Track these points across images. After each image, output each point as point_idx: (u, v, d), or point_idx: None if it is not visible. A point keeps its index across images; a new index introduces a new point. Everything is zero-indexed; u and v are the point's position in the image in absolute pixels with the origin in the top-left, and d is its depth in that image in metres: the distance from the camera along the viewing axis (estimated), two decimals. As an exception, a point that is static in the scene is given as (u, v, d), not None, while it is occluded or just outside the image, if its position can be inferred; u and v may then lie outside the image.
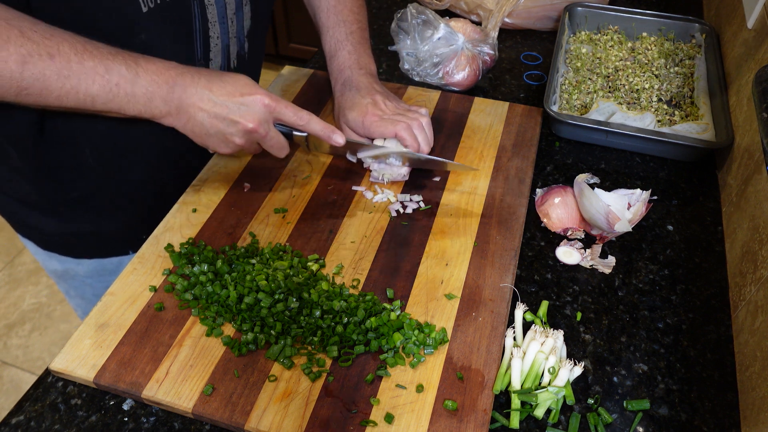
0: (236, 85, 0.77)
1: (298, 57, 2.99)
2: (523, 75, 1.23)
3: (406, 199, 0.91)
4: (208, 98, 0.76)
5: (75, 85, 0.69)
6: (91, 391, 0.71)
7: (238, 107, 0.77)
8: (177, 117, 0.77)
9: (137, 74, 0.72)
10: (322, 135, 0.84)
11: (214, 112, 0.77)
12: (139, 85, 0.73)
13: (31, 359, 2.06)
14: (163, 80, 0.74)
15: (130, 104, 0.73)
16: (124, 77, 0.72)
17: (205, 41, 0.86)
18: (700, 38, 1.24)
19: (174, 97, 0.75)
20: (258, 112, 0.78)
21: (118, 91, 0.72)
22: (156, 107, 0.75)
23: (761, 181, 0.82)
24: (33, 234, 0.99)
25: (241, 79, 0.79)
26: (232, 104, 0.77)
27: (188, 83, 0.75)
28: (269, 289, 0.75)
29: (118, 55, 0.72)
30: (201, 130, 0.78)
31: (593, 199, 0.84)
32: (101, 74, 0.70)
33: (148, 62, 0.74)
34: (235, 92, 0.77)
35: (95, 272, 1.02)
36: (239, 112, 0.77)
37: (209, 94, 0.76)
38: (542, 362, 0.70)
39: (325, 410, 0.66)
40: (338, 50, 0.99)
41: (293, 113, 0.81)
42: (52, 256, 1.01)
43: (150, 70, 0.73)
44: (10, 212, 0.96)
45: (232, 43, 0.91)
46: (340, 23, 1.00)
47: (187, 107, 0.76)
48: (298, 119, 0.81)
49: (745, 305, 0.77)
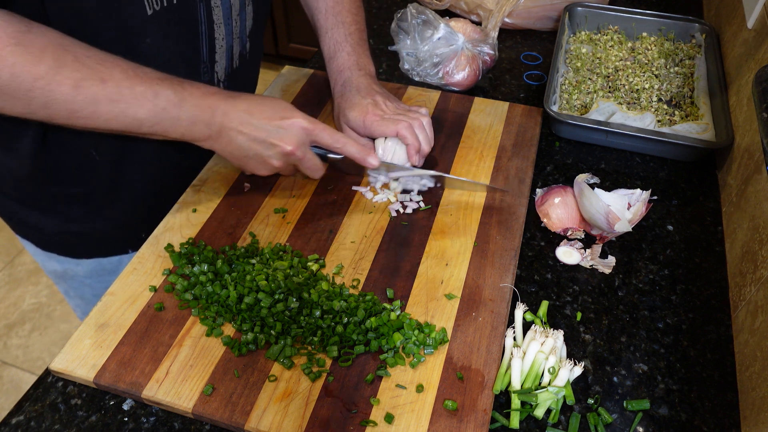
0: (275, 109, 0.80)
1: (298, 57, 2.99)
2: (523, 75, 1.23)
3: (406, 199, 0.91)
4: (248, 122, 0.78)
5: (124, 109, 0.71)
6: (91, 391, 0.71)
7: (277, 130, 0.79)
8: (217, 140, 0.80)
9: (183, 99, 0.75)
10: (357, 158, 0.85)
11: (253, 135, 0.79)
12: (184, 110, 0.75)
13: (31, 359, 2.06)
14: (206, 104, 0.76)
15: (173, 128, 0.76)
16: (171, 102, 0.74)
17: (210, 43, 0.86)
18: (700, 38, 1.24)
19: (215, 121, 0.77)
20: (296, 135, 0.80)
21: (165, 115, 0.74)
22: (198, 131, 0.78)
23: (761, 181, 0.82)
24: (32, 234, 0.99)
25: (280, 103, 0.81)
26: (271, 128, 0.79)
27: (230, 107, 0.78)
28: (269, 289, 0.75)
29: (166, 80, 0.74)
30: (240, 152, 0.81)
31: (593, 199, 0.84)
32: (149, 99, 0.72)
33: (193, 87, 0.76)
34: (274, 116, 0.79)
35: (94, 272, 1.02)
36: (278, 135, 0.80)
37: (249, 117, 0.78)
38: (542, 362, 0.70)
39: (325, 410, 0.66)
40: (337, 51, 0.99)
41: (329, 136, 0.83)
42: (51, 257, 1.01)
43: (195, 95, 0.76)
44: (10, 212, 0.97)
45: (236, 43, 0.91)
46: (339, 24, 1.00)
47: (228, 131, 0.79)
48: (334, 142, 0.84)
49: (745, 305, 0.77)
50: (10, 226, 1.00)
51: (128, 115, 0.72)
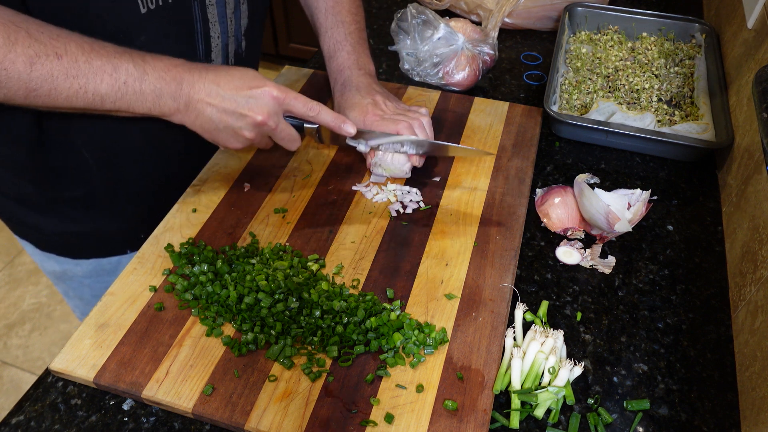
0: (244, 79, 0.77)
1: (298, 57, 2.99)
2: (523, 75, 1.23)
3: (405, 191, 0.91)
4: (216, 93, 0.76)
5: (83, 84, 0.69)
6: (91, 391, 0.71)
7: (247, 100, 0.77)
8: (186, 114, 0.77)
9: (145, 71, 0.73)
10: (333, 125, 0.83)
11: (222, 106, 0.77)
12: (147, 83, 0.73)
13: (31, 359, 2.06)
14: (170, 77, 0.74)
15: (138, 102, 0.74)
16: (132, 75, 0.72)
17: (206, 41, 0.86)
18: (700, 38, 1.24)
19: (182, 93, 0.75)
20: (267, 105, 0.78)
21: (127, 89, 0.72)
22: (165, 104, 0.75)
23: (761, 181, 0.82)
24: (31, 235, 0.98)
25: (249, 72, 0.79)
26: (241, 98, 0.77)
27: (196, 79, 0.75)
28: (269, 289, 0.75)
29: (125, 53, 0.72)
30: (210, 125, 0.79)
31: (593, 199, 0.84)
32: (109, 73, 0.70)
33: (156, 59, 0.74)
34: (243, 86, 0.77)
35: (93, 273, 1.02)
36: (248, 105, 0.77)
37: (217, 88, 0.76)
38: (542, 362, 0.70)
39: (325, 410, 0.66)
40: (337, 51, 0.99)
41: (303, 104, 0.81)
42: (50, 257, 1.01)
43: (158, 67, 0.74)
44: (9, 213, 0.96)
45: (231, 42, 0.91)
46: (339, 24, 1.00)
47: (196, 103, 0.76)
48: (308, 110, 0.81)
49: (745, 305, 0.77)
50: (8, 227, 1.00)
51: (88, 90, 0.70)
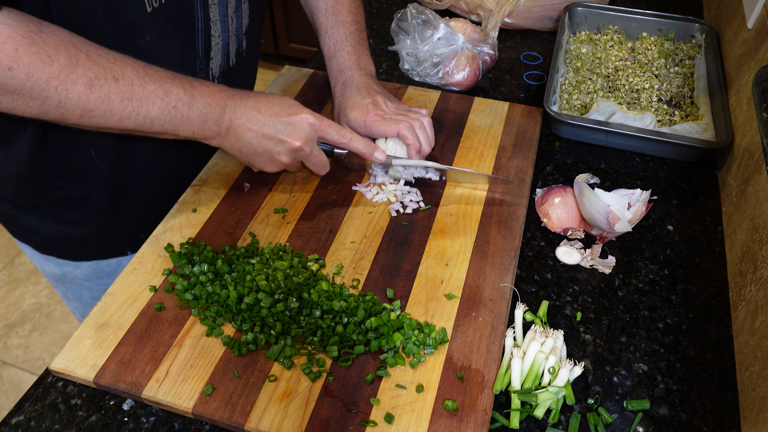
0: (282, 106, 0.82)
1: (298, 57, 2.99)
2: (523, 75, 1.23)
3: (405, 191, 0.91)
4: (257, 119, 0.81)
5: (137, 107, 0.72)
6: (91, 391, 0.71)
7: (285, 127, 0.82)
8: (226, 137, 0.82)
9: (193, 97, 0.76)
10: (364, 152, 0.87)
11: (262, 132, 0.81)
12: (194, 108, 0.77)
13: (31, 359, 2.06)
14: (215, 102, 0.78)
15: (184, 126, 0.77)
16: (181, 100, 0.75)
17: (206, 40, 0.87)
18: (700, 38, 1.24)
19: (225, 118, 0.79)
20: (304, 131, 0.82)
21: (176, 113, 0.75)
22: (208, 128, 0.79)
23: (761, 181, 0.82)
24: (31, 238, 0.98)
25: (287, 100, 0.84)
26: (280, 124, 0.81)
27: (238, 105, 0.80)
28: (269, 289, 0.75)
29: (176, 78, 0.75)
30: (249, 149, 0.83)
31: (593, 199, 0.84)
32: (161, 97, 0.73)
33: (203, 85, 0.78)
34: (281, 112, 0.81)
35: (93, 275, 1.02)
36: (286, 131, 0.82)
37: (258, 114, 0.80)
38: (542, 362, 0.70)
39: (325, 410, 0.66)
40: (337, 51, 0.99)
41: (336, 132, 0.85)
42: (49, 260, 1.01)
43: (204, 93, 0.77)
44: (8, 216, 0.96)
45: (232, 41, 0.91)
46: (339, 24, 1.00)
47: (237, 128, 0.81)
48: (341, 138, 0.86)
49: (745, 305, 0.77)
50: (7, 230, 1.00)
51: (140, 113, 0.73)
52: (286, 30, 2.96)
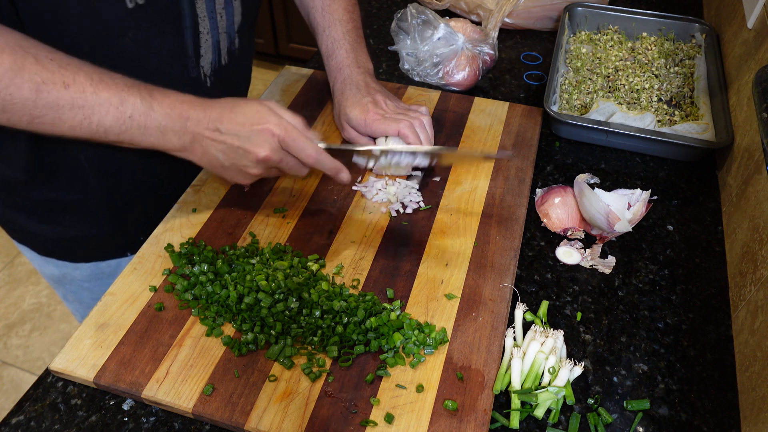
0: (247, 115, 0.76)
1: (298, 57, 2.99)
2: (523, 75, 1.23)
3: (405, 191, 0.91)
4: (219, 130, 0.76)
5: (88, 115, 0.69)
6: (91, 391, 0.71)
7: (249, 137, 0.76)
8: (191, 151, 0.77)
9: (151, 107, 0.72)
10: (329, 173, 0.82)
11: (226, 143, 0.76)
12: (152, 119, 0.72)
13: (31, 359, 2.06)
14: (176, 114, 0.74)
15: (143, 137, 0.73)
16: (138, 110, 0.71)
17: (195, 37, 0.85)
18: (700, 38, 1.24)
19: (187, 131, 0.75)
20: (267, 141, 0.77)
21: (132, 123, 0.72)
22: (169, 141, 0.75)
23: (761, 181, 0.82)
24: (29, 240, 0.98)
25: (252, 107, 0.77)
26: (243, 134, 0.76)
27: (201, 117, 0.75)
28: (269, 289, 0.75)
29: (134, 86, 0.72)
30: (216, 162, 0.78)
31: (593, 199, 0.84)
32: (115, 106, 0.70)
33: (164, 95, 0.74)
34: (245, 122, 0.76)
35: (93, 276, 1.02)
36: (250, 142, 0.76)
37: (219, 125, 0.76)
38: (542, 362, 0.70)
39: (325, 410, 0.66)
40: (335, 49, 0.99)
41: (301, 150, 0.78)
42: (49, 262, 1.00)
43: (164, 104, 0.73)
44: (6, 220, 0.96)
45: (222, 38, 0.90)
46: (336, 22, 1.00)
47: (200, 140, 0.76)
48: (306, 157, 0.79)
49: (745, 305, 0.77)
50: (6, 232, 0.99)
51: (93, 122, 0.70)
52: (286, 30, 2.96)
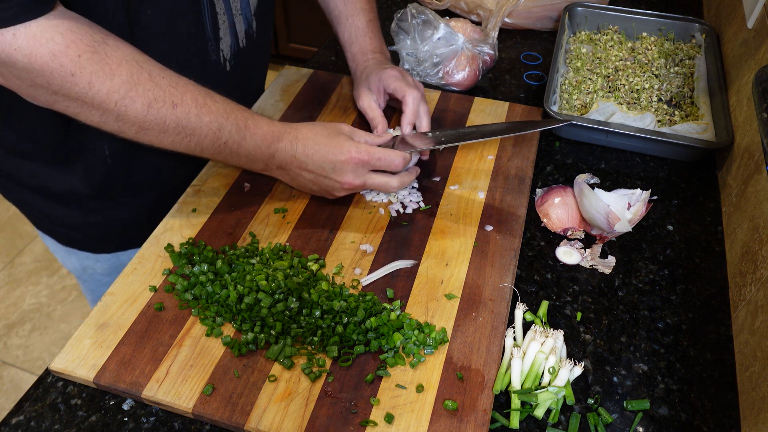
0: (330, 148, 0.82)
1: (299, 57, 2.99)
2: (523, 75, 1.23)
3: (405, 191, 0.91)
4: (306, 162, 0.83)
5: (189, 135, 0.74)
6: (91, 391, 0.71)
7: (333, 167, 0.83)
8: (281, 175, 0.86)
9: (244, 138, 0.78)
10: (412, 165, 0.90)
11: (313, 173, 0.84)
12: (243, 148, 0.79)
13: (31, 359, 2.06)
14: (265, 146, 0.81)
15: (233, 160, 0.81)
16: (232, 138, 0.77)
17: (213, 18, 0.86)
18: (700, 38, 1.24)
19: (274, 162, 0.83)
20: (351, 170, 0.83)
21: (225, 148, 0.78)
22: (257, 167, 0.84)
23: (761, 181, 0.82)
24: (53, 229, 0.99)
25: (334, 138, 0.83)
26: (327, 165, 0.83)
27: (287, 149, 0.82)
28: (269, 289, 0.75)
29: (233, 113, 0.77)
30: (305, 187, 0.87)
31: (593, 199, 0.84)
32: (213, 131, 0.75)
33: (257, 126, 0.80)
34: (328, 155, 0.82)
35: (113, 269, 1.03)
36: (334, 172, 0.83)
37: (305, 159, 0.82)
38: (542, 362, 0.70)
39: (325, 410, 0.66)
40: (359, 36, 1.03)
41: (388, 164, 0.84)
42: (71, 253, 1.02)
43: (257, 135, 0.79)
44: (32, 206, 0.97)
45: (238, 20, 0.91)
46: (359, 12, 1.03)
47: (288, 169, 0.84)
48: (395, 167, 0.85)
49: (745, 305, 0.77)
50: (31, 221, 1.01)
51: (192, 141, 0.75)
52: (286, 30, 2.96)
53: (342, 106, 1.09)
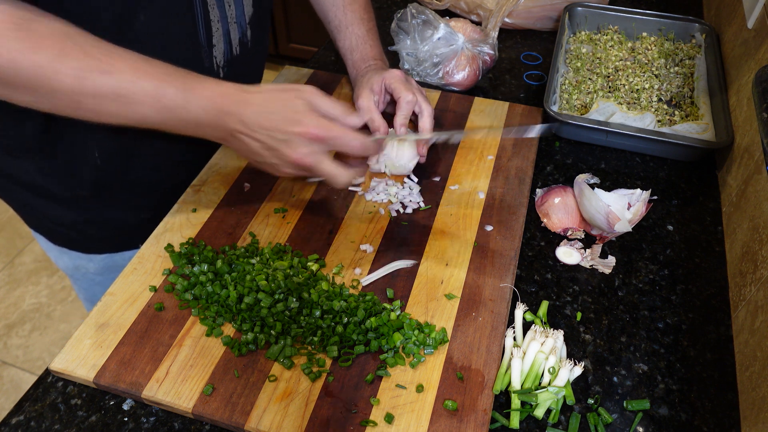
0: (284, 116, 0.73)
1: (298, 57, 2.99)
2: (523, 75, 1.23)
3: (405, 191, 0.91)
4: (257, 129, 0.74)
5: (128, 104, 0.69)
6: (91, 391, 0.71)
7: (285, 140, 0.73)
8: (231, 142, 0.77)
9: (188, 101, 0.71)
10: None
11: (261, 141, 0.74)
12: (189, 112, 0.72)
13: (31, 359, 2.06)
14: (213, 110, 0.73)
15: (180, 127, 0.74)
16: (175, 101, 0.71)
17: (207, 25, 0.85)
18: (700, 38, 1.24)
19: (223, 126, 0.74)
20: (305, 145, 0.74)
21: (170, 114, 0.71)
22: (206, 133, 0.75)
23: (761, 181, 0.82)
24: (46, 227, 0.99)
25: (290, 106, 0.74)
26: (280, 136, 0.73)
27: (242, 111, 0.73)
28: (269, 289, 0.75)
29: (174, 76, 0.71)
30: (253, 156, 0.77)
31: (593, 199, 0.84)
32: (153, 96, 0.70)
33: (202, 87, 0.72)
34: (281, 124, 0.73)
35: (105, 269, 1.03)
36: (286, 144, 0.74)
37: (256, 126, 0.73)
38: (542, 362, 0.70)
39: (325, 410, 0.66)
40: (360, 44, 1.03)
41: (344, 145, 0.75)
42: (63, 252, 1.01)
43: (202, 97, 0.72)
44: (25, 204, 0.97)
45: (233, 28, 0.90)
46: (358, 21, 1.03)
47: (238, 135, 0.75)
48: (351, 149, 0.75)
49: (745, 305, 0.77)
50: (23, 218, 1.00)
51: (133, 111, 0.70)
52: (286, 30, 2.96)
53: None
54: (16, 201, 0.97)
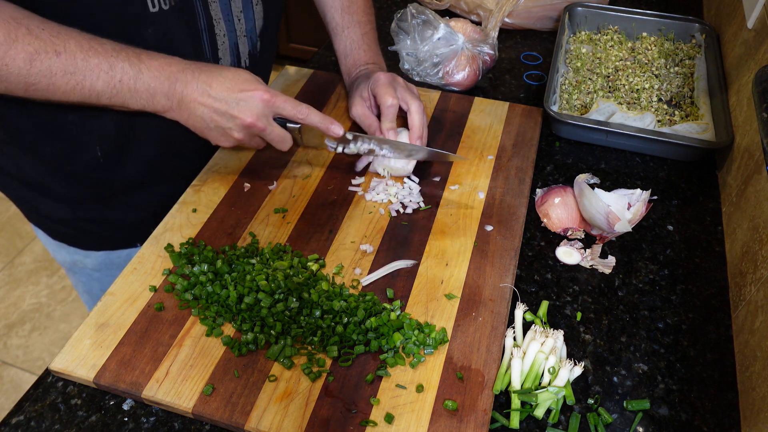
0: (236, 81, 0.80)
1: (299, 57, 2.99)
2: (523, 75, 1.23)
3: (405, 191, 0.91)
4: (208, 93, 0.79)
5: (80, 81, 0.72)
6: (91, 391, 0.71)
7: (237, 102, 0.79)
8: (179, 111, 0.80)
9: (140, 70, 0.75)
10: (321, 126, 0.86)
11: (213, 107, 0.79)
12: (141, 82, 0.75)
13: (31, 359, 2.06)
14: (165, 76, 0.77)
15: (133, 99, 0.76)
16: (127, 73, 0.74)
17: (212, 39, 0.87)
18: (700, 38, 1.24)
19: (175, 92, 0.78)
20: (256, 107, 0.80)
21: (122, 87, 0.75)
22: (158, 102, 0.78)
23: (761, 181, 0.82)
24: (43, 222, 0.99)
25: (242, 75, 0.81)
26: (231, 99, 0.79)
27: (189, 79, 0.78)
28: (269, 289, 0.75)
29: (122, 51, 0.74)
30: (201, 124, 0.81)
31: (593, 199, 0.84)
32: (105, 71, 0.73)
33: (151, 58, 0.76)
34: (234, 88, 0.79)
35: (103, 265, 1.03)
36: (237, 107, 0.80)
37: (209, 89, 0.79)
38: (542, 362, 0.70)
39: (325, 410, 0.66)
40: (354, 50, 1.03)
41: (292, 107, 0.83)
42: (61, 247, 1.02)
43: (153, 66, 0.76)
44: (23, 198, 0.97)
45: (242, 42, 0.91)
46: (355, 24, 1.03)
47: (188, 102, 0.79)
48: (297, 113, 0.84)
49: (745, 305, 0.77)
50: (23, 213, 1.01)
51: (85, 87, 0.73)
52: (286, 30, 2.96)
53: (342, 106, 1.09)
54: (16, 196, 0.98)
